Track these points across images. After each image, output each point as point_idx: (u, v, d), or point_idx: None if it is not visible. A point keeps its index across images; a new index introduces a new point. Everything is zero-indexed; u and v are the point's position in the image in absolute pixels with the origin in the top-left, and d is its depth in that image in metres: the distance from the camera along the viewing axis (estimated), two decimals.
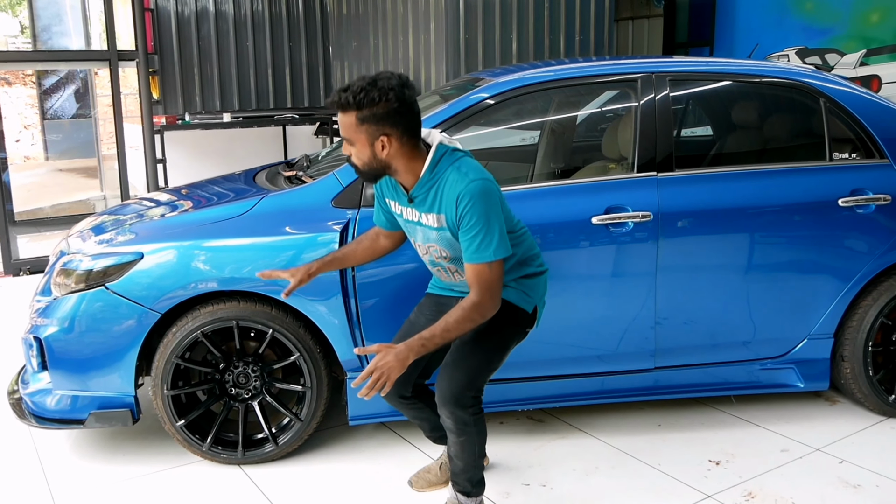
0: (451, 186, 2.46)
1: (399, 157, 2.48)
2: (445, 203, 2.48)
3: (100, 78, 11.43)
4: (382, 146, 2.44)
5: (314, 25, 8.57)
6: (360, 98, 2.38)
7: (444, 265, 2.67)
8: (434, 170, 2.51)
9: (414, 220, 2.63)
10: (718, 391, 3.59)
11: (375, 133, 2.42)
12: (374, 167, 2.51)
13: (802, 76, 3.61)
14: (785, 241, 3.45)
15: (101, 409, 3.20)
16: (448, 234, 2.53)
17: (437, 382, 2.67)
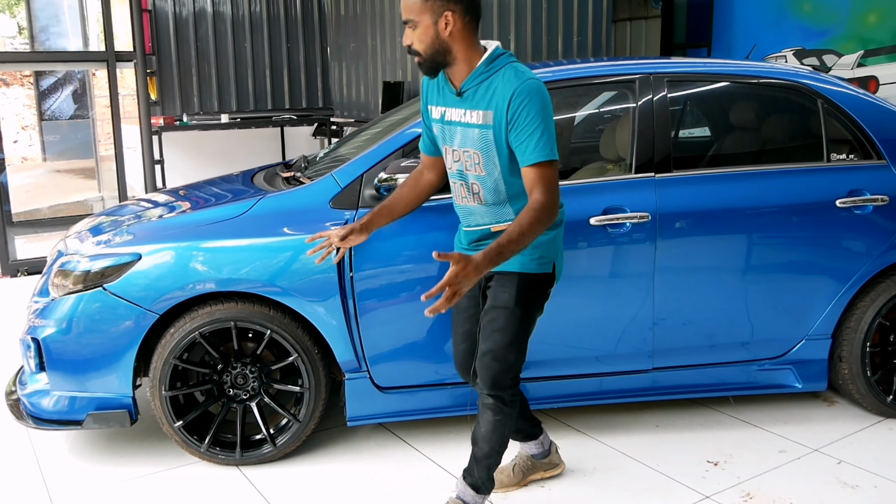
0: (507, 83, 2.45)
1: (460, 39, 2.49)
2: (497, 99, 2.47)
3: (97, 79, 11.43)
4: (446, 23, 2.45)
5: (312, 26, 8.57)
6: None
7: (470, 178, 2.61)
8: (491, 64, 2.51)
9: (456, 119, 2.60)
10: (716, 392, 3.60)
11: (440, 10, 2.44)
12: (436, 49, 2.49)
13: (800, 77, 3.62)
14: (783, 241, 3.46)
15: (98, 410, 3.19)
16: (490, 135, 2.51)
17: (476, 367, 2.69)
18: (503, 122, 2.46)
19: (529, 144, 2.43)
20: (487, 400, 2.69)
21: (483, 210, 2.64)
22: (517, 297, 2.60)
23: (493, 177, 2.56)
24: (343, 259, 3.13)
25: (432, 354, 3.32)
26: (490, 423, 2.70)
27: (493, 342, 2.64)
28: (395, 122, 3.69)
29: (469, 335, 2.83)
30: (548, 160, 2.43)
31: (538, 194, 2.43)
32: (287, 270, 3.12)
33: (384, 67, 7.79)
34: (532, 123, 2.42)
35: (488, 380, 2.65)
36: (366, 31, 8.01)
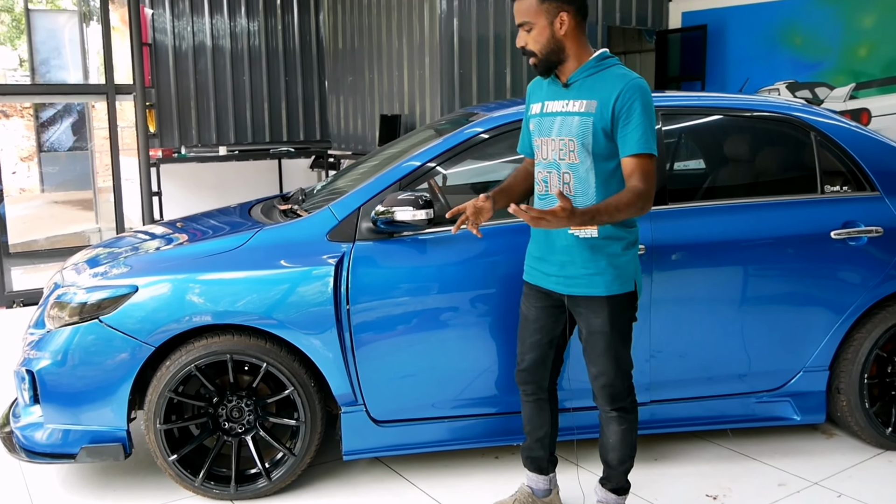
0: (616, 78, 2.61)
1: (573, 37, 2.64)
2: (605, 91, 2.60)
3: (97, 111, 11.49)
4: (561, 23, 2.60)
5: (310, 60, 8.64)
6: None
7: (563, 167, 2.70)
8: (601, 61, 2.67)
9: (556, 111, 2.71)
10: (715, 425, 3.58)
11: (555, 11, 2.60)
12: (551, 48, 2.64)
13: (793, 110, 3.65)
14: (778, 273, 3.47)
15: (92, 444, 3.17)
16: (589, 123, 2.62)
17: (595, 388, 2.83)
18: (607, 113, 2.59)
19: (634, 136, 2.57)
20: (611, 414, 2.83)
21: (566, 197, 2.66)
22: (609, 319, 2.72)
23: (585, 165, 2.65)
24: (339, 291, 3.13)
25: (429, 388, 3.31)
26: (617, 432, 2.84)
27: (601, 365, 2.78)
28: (392, 156, 3.72)
29: (538, 345, 2.91)
30: (648, 153, 2.58)
31: (637, 181, 2.58)
32: (284, 303, 3.12)
33: (381, 101, 7.85)
34: (639, 117, 2.57)
35: (607, 398, 2.81)
36: (363, 64, 8.08)
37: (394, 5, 7.55)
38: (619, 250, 2.70)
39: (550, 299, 2.83)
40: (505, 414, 3.36)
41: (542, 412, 2.99)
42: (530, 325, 2.91)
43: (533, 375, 2.94)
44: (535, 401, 2.98)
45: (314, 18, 8.62)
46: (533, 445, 3.04)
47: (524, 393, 3.00)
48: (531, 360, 2.93)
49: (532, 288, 2.89)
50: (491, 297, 3.27)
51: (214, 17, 8.02)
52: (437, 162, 3.36)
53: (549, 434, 3.02)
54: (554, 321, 2.87)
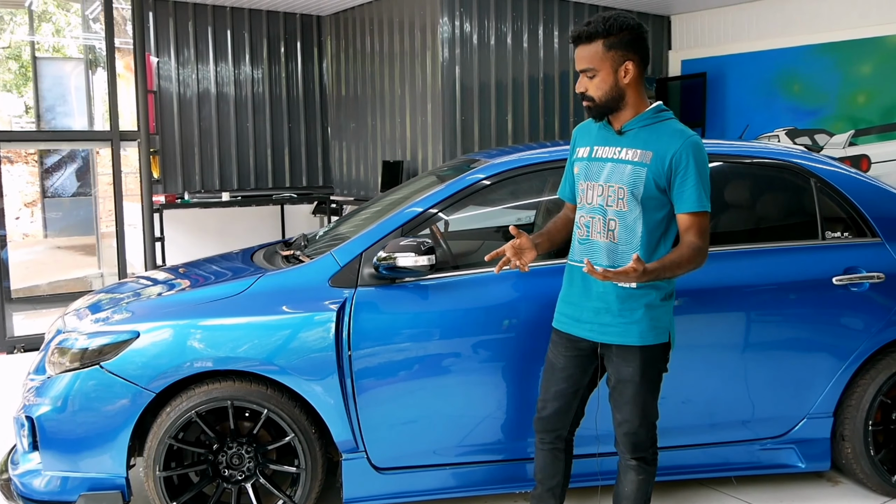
0: (674, 133, 2.62)
1: (634, 87, 2.65)
2: (661, 144, 2.61)
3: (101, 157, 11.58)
4: (626, 72, 2.62)
5: (313, 107, 8.74)
6: (611, 24, 2.59)
7: (610, 213, 2.68)
8: (658, 113, 2.69)
9: (607, 157, 2.71)
10: (718, 472, 3.55)
11: (621, 59, 2.61)
12: (612, 96, 2.64)
13: (793, 157, 3.68)
14: (781, 319, 3.46)
15: (91, 491, 3.14)
16: (643, 173, 2.61)
17: (618, 435, 2.82)
18: (662, 167, 2.60)
19: (692, 194, 2.59)
20: (630, 462, 2.82)
21: (612, 248, 2.69)
22: (640, 369, 2.70)
23: (633, 213, 2.65)
24: (341, 337, 3.13)
25: (432, 434, 3.28)
26: (634, 482, 2.82)
27: (626, 413, 2.77)
28: (394, 201, 3.74)
29: (562, 395, 2.88)
30: (704, 211, 2.61)
31: (693, 237, 2.61)
32: (285, 349, 3.11)
33: (384, 147, 7.92)
34: (697, 175, 2.59)
35: (629, 446, 2.80)
36: (366, 111, 8.17)
37: (396, 53, 7.66)
38: (657, 301, 2.69)
39: (580, 348, 2.81)
40: (508, 461, 3.33)
41: (556, 461, 2.96)
42: (557, 374, 2.87)
43: (554, 424, 2.92)
44: (552, 450, 2.95)
45: (317, 66, 8.74)
46: (544, 494, 3.00)
47: (541, 441, 2.96)
48: (554, 409, 2.90)
49: (562, 336, 2.87)
50: (493, 342, 3.26)
51: (219, 65, 8.13)
52: (440, 208, 3.38)
53: (562, 484, 2.99)
54: (582, 371, 2.85)
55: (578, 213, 2.80)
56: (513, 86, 7.52)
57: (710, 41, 8.45)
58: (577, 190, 2.80)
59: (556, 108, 7.93)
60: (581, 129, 2.89)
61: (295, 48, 8.59)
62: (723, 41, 8.32)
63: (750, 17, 8.07)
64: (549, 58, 7.83)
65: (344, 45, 8.48)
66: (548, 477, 2.98)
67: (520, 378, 3.26)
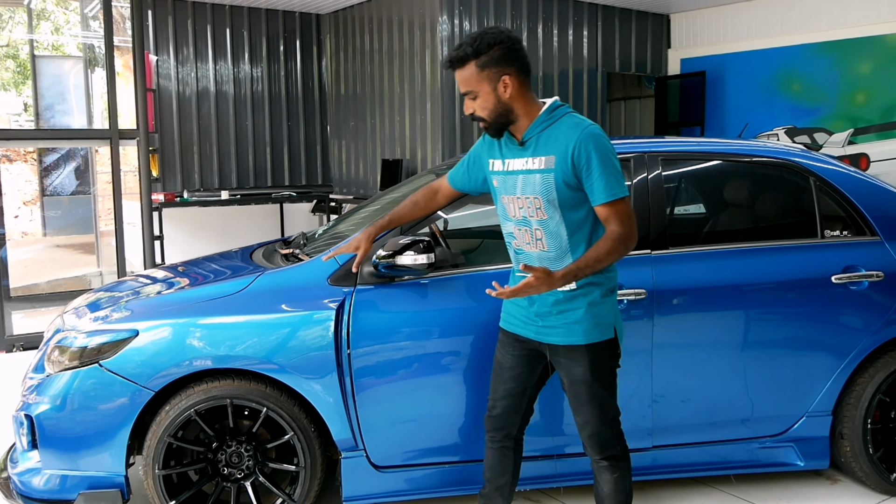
0: (569, 129, 2.60)
1: (519, 97, 2.63)
2: (561, 144, 2.60)
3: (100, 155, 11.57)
4: (505, 86, 2.60)
5: (312, 105, 8.74)
6: (478, 45, 2.57)
7: (534, 224, 2.69)
8: (551, 113, 2.66)
9: (517, 169, 2.70)
10: (718, 470, 3.55)
11: (497, 76, 2.59)
12: (499, 112, 2.63)
13: (792, 155, 3.68)
14: (780, 318, 3.46)
15: (90, 490, 3.14)
16: (551, 178, 2.61)
17: (583, 438, 2.81)
18: (567, 166, 2.59)
19: (599, 185, 2.57)
20: (602, 463, 2.80)
21: (543, 257, 2.71)
22: (590, 368, 2.69)
23: (554, 220, 2.65)
24: (340, 336, 3.13)
25: (431, 432, 3.28)
26: (610, 481, 2.81)
27: (586, 415, 2.76)
28: (393, 200, 3.74)
29: (511, 394, 2.89)
30: (619, 198, 2.57)
31: (614, 226, 2.58)
32: (284, 347, 3.11)
33: (383, 145, 7.92)
34: (602, 165, 2.56)
35: (597, 447, 2.78)
36: (365, 110, 8.17)
37: (395, 52, 7.65)
38: (598, 298, 2.68)
39: (527, 348, 2.83)
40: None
41: (504, 460, 2.96)
42: (505, 373, 2.89)
43: (503, 423, 2.92)
44: (500, 448, 2.95)
45: (317, 64, 8.74)
46: (492, 493, 3.00)
47: (491, 439, 2.97)
48: (503, 408, 2.91)
49: (509, 335, 2.89)
50: (493, 341, 3.25)
51: (218, 63, 8.12)
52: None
53: (510, 483, 2.98)
54: (530, 370, 2.86)
55: (507, 224, 2.82)
56: None
57: (709, 40, 8.45)
58: (501, 202, 2.81)
59: None
60: (490, 139, 2.85)
61: (294, 46, 8.59)
62: (722, 40, 8.32)
63: (749, 15, 8.07)
64: (548, 57, 7.83)
65: (343, 43, 8.47)
66: (496, 476, 2.98)
67: None
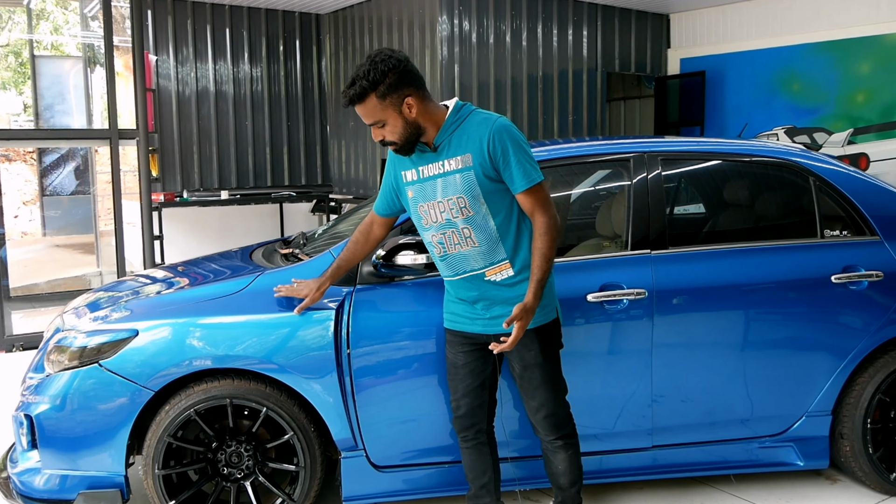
0: (478, 126, 2.68)
1: (424, 112, 2.69)
2: (472, 141, 2.67)
3: (100, 155, 11.56)
4: (409, 107, 2.65)
5: (312, 105, 8.73)
6: (373, 76, 2.61)
7: (460, 224, 2.73)
8: (457, 115, 2.72)
9: (434, 174, 2.74)
10: (717, 470, 3.55)
11: (399, 100, 2.65)
12: (410, 132, 2.69)
13: (791, 155, 3.68)
14: (780, 317, 3.46)
15: (90, 489, 3.14)
16: (471, 175, 2.66)
17: (534, 422, 2.94)
18: (484, 160, 2.65)
19: (518, 174, 2.65)
20: (557, 443, 2.93)
21: (476, 253, 2.76)
22: (541, 351, 2.81)
23: (480, 214, 2.70)
24: (340, 335, 3.13)
25: (430, 432, 3.28)
26: (565, 459, 2.95)
27: (541, 398, 2.87)
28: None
29: (471, 389, 2.95)
30: (537, 183, 2.66)
31: (539, 216, 2.68)
32: (284, 347, 3.11)
33: (382, 146, 7.91)
34: (516, 154, 2.65)
35: (551, 428, 2.90)
36: None
37: None
38: None
39: (475, 343, 2.89)
40: (506, 459, 3.33)
41: (482, 456, 3.02)
42: (460, 371, 2.95)
43: (472, 420, 2.98)
44: (475, 445, 3.01)
45: (316, 64, 8.73)
46: (479, 493, 3.06)
47: (464, 439, 3.03)
48: (468, 405, 2.97)
49: (456, 334, 2.95)
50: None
51: (217, 63, 8.12)
52: None
53: (493, 479, 3.04)
54: (483, 363, 2.93)
55: (429, 233, 2.84)
56: (511, 84, 7.52)
57: (709, 40, 8.45)
58: (418, 212, 2.84)
59: (555, 107, 7.93)
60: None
61: (294, 46, 8.58)
62: (722, 40, 8.32)
63: (749, 15, 8.07)
64: (547, 56, 7.83)
65: (343, 43, 8.47)
66: (479, 475, 3.03)
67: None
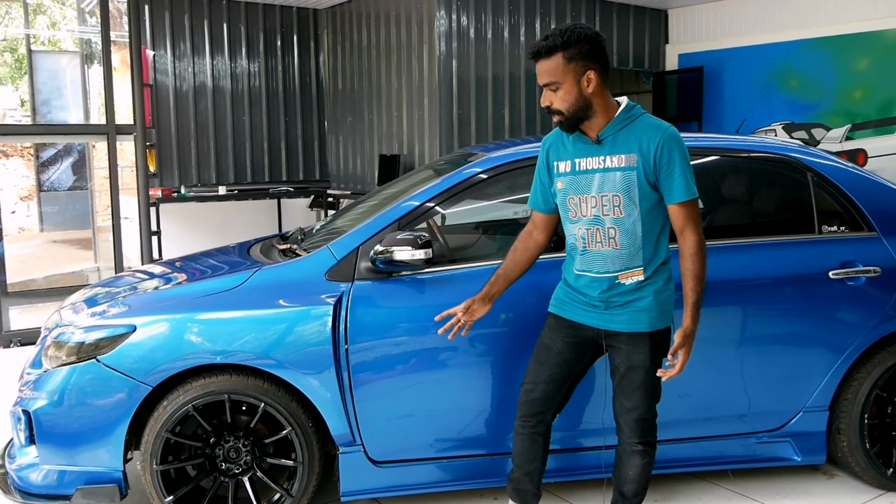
0: (649, 128, 2.68)
1: (599, 94, 2.67)
2: (642, 143, 2.67)
3: (97, 151, 11.55)
4: (588, 82, 2.64)
5: (310, 100, 8.72)
6: (568, 37, 2.61)
7: (608, 223, 2.73)
8: (629, 113, 2.72)
9: (594, 167, 2.73)
10: (715, 465, 3.56)
11: (582, 69, 2.63)
12: (579, 106, 2.67)
13: (789, 151, 3.68)
14: (777, 313, 3.47)
15: (88, 485, 3.14)
16: (633, 176, 2.67)
17: (621, 422, 2.88)
18: (649, 164, 2.67)
19: (679, 184, 2.67)
20: (637, 447, 2.88)
21: (616, 255, 2.75)
22: (651, 355, 2.78)
23: (632, 217, 2.70)
24: (338, 331, 3.13)
25: (428, 428, 3.29)
26: (639, 466, 2.89)
27: (636, 400, 2.83)
28: (391, 195, 3.74)
29: (555, 379, 2.92)
30: (695, 198, 2.69)
31: (690, 233, 2.70)
32: (282, 343, 3.11)
33: (380, 141, 7.91)
34: (681, 165, 2.66)
35: (639, 432, 2.86)
36: (363, 105, 8.15)
37: (393, 47, 7.64)
38: (662, 286, 2.77)
39: (581, 336, 2.87)
40: (505, 454, 3.34)
41: (535, 446, 2.99)
42: (553, 358, 2.91)
43: (540, 407, 2.95)
44: (532, 434, 2.97)
45: (314, 60, 8.72)
46: (522, 478, 3.03)
47: (523, 425, 2.98)
48: (543, 392, 2.93)
49: (562, 322, 2.91)
50: (491, 336, 3.26)
51: (215, 59, 8.10)
52: (436, 202, 3.38)
53: (539, 469, 3.02)
54: (577, 358, 2.91)
55: (574, 226, 2.82)
56: (510, 80, 7.51)
57: (707, 35, 8.44)
58: (566, 204, 2.82)
59: None
60: (553, 143, 2.88)
61: (291, 42, 8.57)
62: (720, 35, 8.31)
63: (747, 11, 8.06)
64: None
65: (341, 38, 8.46)
66: (526, 461, 3.00)
67: (517, 372, 3.26)
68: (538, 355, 2.96)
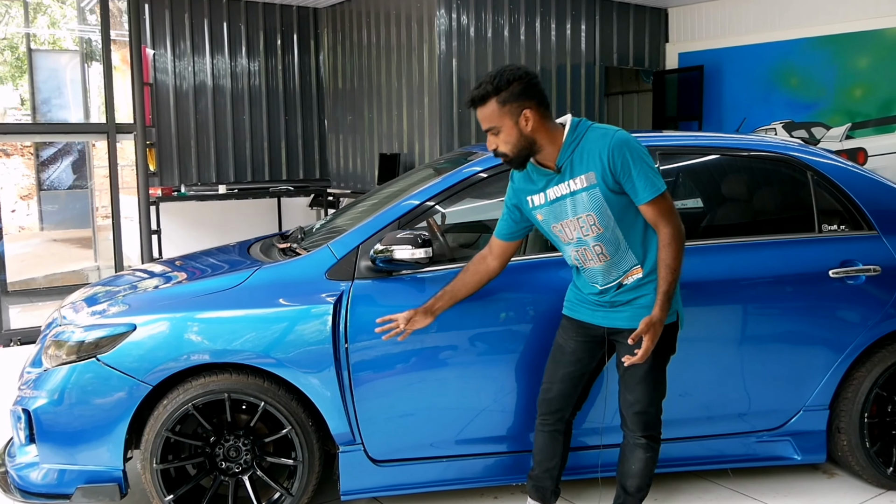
0: (596, 142, 2.69)
1: (541, 128, 2.70)
2: (593, 158, 2.69)
3: (97, 150, 11.54)
4: (526, 120, 2.67)
5: (310, 100, 8.72)
6: (498, 82, 2.65)
7: (591, 241, 2.76)
8: (574, 133, 2.73)
9: (562, 194, 2.77)
10: (715, 464, 3.56)
11: (518, 110, 2.66)
12: (522, 146, 2.70)
13: (790, 150, 3.68)
14: (777, 312, 3.47)
15: (88, 484, 3.14)
16: (597, 192, 2.70)
17: (625, 415, 2.93)
18: (606, 176, 2.68)
19: (642, 184, 2.66)
20: (640, 441, 2.92)
21: (609, 266, 2.80)
22: (654, 349, 2.74)
23: (609, 228, 2.73)
24: (338, 330, 3.13)
25: (428, 427, 3.29)
26: (643, 460, 2.93)
27: (640, 393, 2.87)
28: (391, 194, 3.73)
29: (570, 377, 2.98)
30: (660, 193, 2.67)
31: (663, 226, 2.70)
32: (282, 342, 3.11)
33: (380, 140, 7.91)
34: (637, 166, 2.66)
35: (641, 425, 2.90)
36: (363, 104, 8.15)
37: (393, 46, 7.64)
38: None
39: (591, 334, 2.93)
40: (505, 453, 3.34)
41: (555, 443, 3.04)
42: (567, 357, 2.98)
43: (558, 405, 3.01)
44: (552, 432, 3.04)
45: (314, 59, 8.72)
46: (542, 475, 3.08)
47: (543, 423, 3.05)
48: (560, 391, 2.99)
49: (573, 322, 2.98)
50: (490, 335, 3.26)
51: (215, 58, 8.11)
52: (436, 201, 3.38)
53: (559, 466, 3.07)
54: (590, 356, 2.96)
55: (567, 249, 2.88)
56: None
57: (707, 34, 8.43)
58: (553, 233, 2.87)
59: (553, 101, 7.91)
60: (520, 179, 2.91)
61: (291, 41, 8.57)
62: (720, 34, 8.31)
63: (747, 9, 8.06)
64: (545, 51, 7.82)
65: (340, 37, 8.46)
66: (546, 459, 3.06)
67: (517, 371, 3.27)
68: (554, 355, 3.04)
